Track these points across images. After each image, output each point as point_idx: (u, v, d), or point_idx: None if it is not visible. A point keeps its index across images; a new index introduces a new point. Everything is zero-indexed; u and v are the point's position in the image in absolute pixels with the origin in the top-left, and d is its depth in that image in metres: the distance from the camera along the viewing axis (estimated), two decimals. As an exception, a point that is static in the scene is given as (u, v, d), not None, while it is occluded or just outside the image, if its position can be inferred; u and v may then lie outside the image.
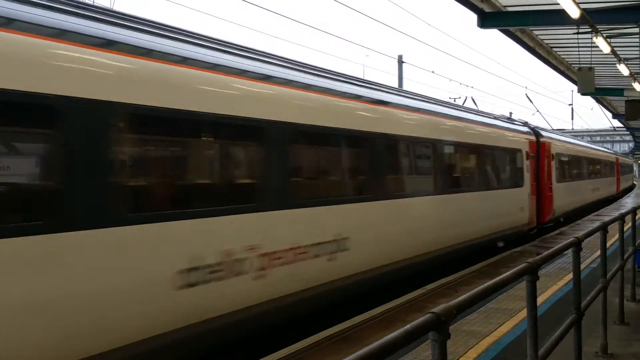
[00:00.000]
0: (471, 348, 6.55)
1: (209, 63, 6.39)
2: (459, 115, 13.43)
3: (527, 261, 3.84)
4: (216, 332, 5.97)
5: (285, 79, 7.57)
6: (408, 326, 2.34)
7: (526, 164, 17.07)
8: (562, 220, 21.19)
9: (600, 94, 25.66)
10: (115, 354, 4.93)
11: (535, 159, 18.29)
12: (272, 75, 7.39)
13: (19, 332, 4.38)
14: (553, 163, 20.15)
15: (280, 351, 6.94)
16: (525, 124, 19.65)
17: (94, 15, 5.53)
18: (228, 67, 6.68)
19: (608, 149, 49.99)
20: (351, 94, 9.14)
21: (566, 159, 22.84)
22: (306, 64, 8.68)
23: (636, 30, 13.63)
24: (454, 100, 27.41)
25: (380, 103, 9.87)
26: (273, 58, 7.90)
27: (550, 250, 4.58)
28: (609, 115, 36.11)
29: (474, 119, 14.36)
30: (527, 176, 17.06)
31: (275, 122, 7.02)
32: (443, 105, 13.21)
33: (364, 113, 9.23)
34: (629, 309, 7.81)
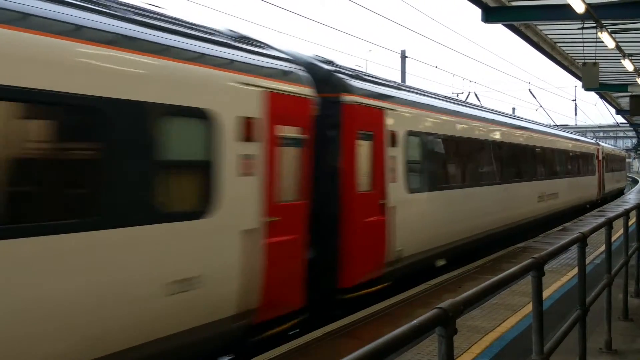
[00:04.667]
0: (475, 343, 6.55)
1: None
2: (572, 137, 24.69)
3: (533, 257, 3.82)
4: None
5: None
6: (415, 321, 2.33)
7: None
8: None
9: (604, 90, 25.56)
10: None
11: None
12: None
13: None
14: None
15: (283, 346, 6.93)
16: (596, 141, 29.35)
17: None
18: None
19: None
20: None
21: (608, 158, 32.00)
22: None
23: (641, 25, 13.56)
24: (457, 96, 27.31)
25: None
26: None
27: (555, 246, 4.56)
28: (613, 111, 36.02)
29: (579, 139, 26.08)
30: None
31: None
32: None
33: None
34: (633, 305, 7.80)
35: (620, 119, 44.61)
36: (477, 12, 13.31)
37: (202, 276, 5.69)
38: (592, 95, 31.43)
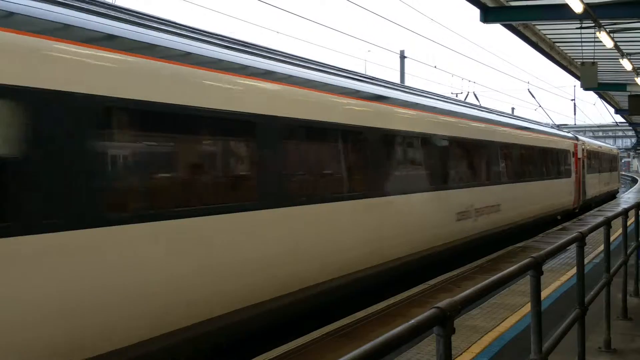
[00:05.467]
0: (474, 343, 6.54)
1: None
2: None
3: (532, 256, 3.82)
4: None
5: None
6: (413, 321, 2.32)
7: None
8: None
9: (603, 89, 25.60)
10: None
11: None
12: None
13: None
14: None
15: (281, 347, 6.93)
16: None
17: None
18: None
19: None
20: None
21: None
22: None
23: (639, 25, 13.57)
24: (456, 96, 27.34)
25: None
26: None
27: (554, 246, 4.56)
28: (612, 110, 36.06)
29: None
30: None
31: None
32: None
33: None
34: (632, 304, 7.79)
35: (619, 118, 44.65)
36: (476, 12, 13.34)
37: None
38: (591, 94, 31.48)
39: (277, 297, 6.84)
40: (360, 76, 10.13)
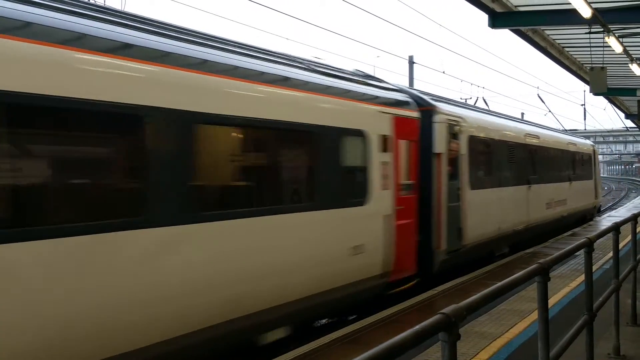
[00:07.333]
0: (482, 350, 6.53)
1: None
2: None
3: (538, 262, 3.83)
4: None
5: None
6: (417, 327, 2.34)
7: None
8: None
9: (613, 94, 25.44)
10: None
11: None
12: None
13: None
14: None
15: (289, 353, 6.94)
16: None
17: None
18: None
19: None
20: None
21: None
22: None
23: (649, 29, 13.52)
24: (465, 101, 27.26)
25: None
26: None
27: (561, 251, 4.55)
28: (622, 115, 35.85)
29: None
30: None
31: None
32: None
33: None
34: (642, 310, 7.74)
35: (630, 123, 44.36)
36: (484, 17, 13.32)
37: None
38: (602, 99, 31.32)
39: None
40: None
